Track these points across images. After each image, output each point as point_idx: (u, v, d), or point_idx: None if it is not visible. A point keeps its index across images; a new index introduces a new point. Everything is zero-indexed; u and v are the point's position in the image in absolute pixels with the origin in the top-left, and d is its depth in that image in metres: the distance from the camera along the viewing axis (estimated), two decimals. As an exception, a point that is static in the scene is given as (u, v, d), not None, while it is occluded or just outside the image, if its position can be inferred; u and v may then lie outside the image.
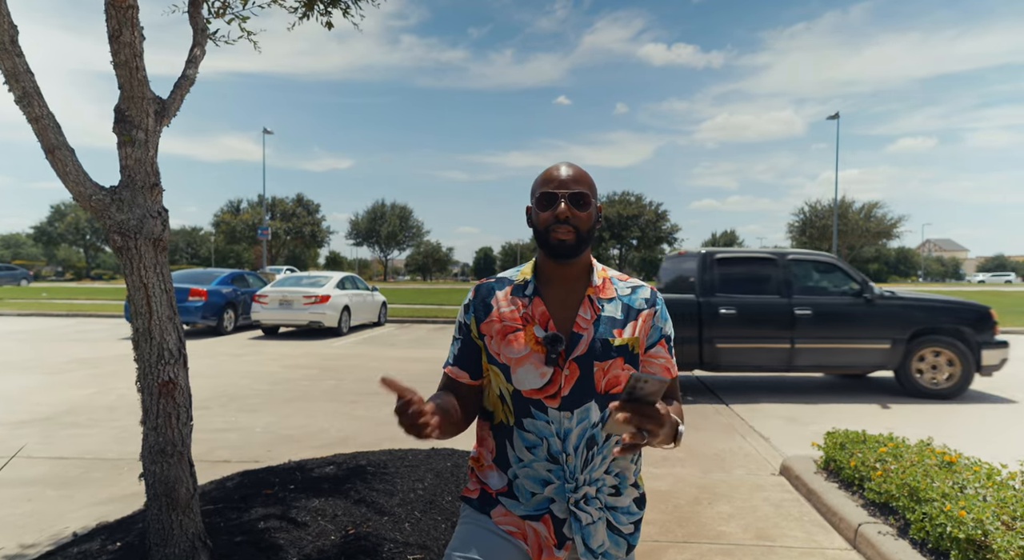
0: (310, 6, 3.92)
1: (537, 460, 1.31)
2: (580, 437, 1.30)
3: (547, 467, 1.31)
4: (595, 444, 1.31)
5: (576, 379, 1.29)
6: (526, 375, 1.29)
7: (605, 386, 1.30)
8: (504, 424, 1.35)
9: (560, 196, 1.29)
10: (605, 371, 1.30)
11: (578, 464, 1.30)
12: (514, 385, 1.30)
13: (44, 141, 1.94)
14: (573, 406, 1.29)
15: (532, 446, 1.31)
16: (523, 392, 1.30)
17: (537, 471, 1.31)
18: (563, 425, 1.29)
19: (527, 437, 1.31)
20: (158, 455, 2.05)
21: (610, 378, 1.30)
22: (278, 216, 55.24)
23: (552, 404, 1.29)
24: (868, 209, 47.62)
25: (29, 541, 3.10)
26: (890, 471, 3.25)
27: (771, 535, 3.24)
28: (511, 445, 1.33)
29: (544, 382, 1.29)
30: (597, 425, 1.30)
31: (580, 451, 1.30)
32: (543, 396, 1.29)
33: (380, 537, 2.64)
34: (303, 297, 12.40)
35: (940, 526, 2.65)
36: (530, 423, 1.31)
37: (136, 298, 2.02)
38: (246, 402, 6.40)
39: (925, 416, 6.06)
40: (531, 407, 1.30)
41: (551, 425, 1.29)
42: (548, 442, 1.30)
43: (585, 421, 1.30)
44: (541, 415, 1.30)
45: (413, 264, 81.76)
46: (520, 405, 1.31)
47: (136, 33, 2.01)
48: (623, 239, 57.98)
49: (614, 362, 1.31)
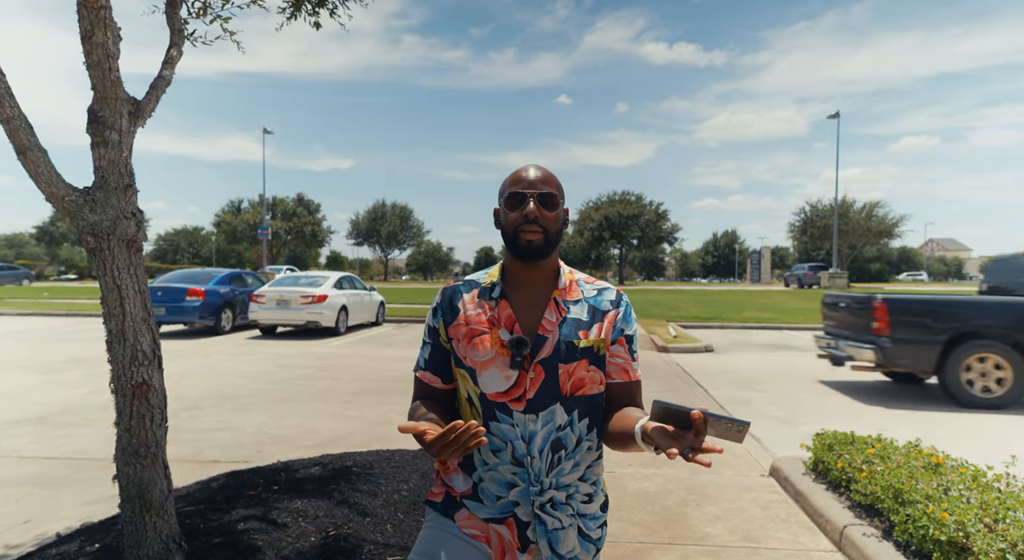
0: (297, 6, 3.92)
1: (502, 463, 1.30)
2: (545, 440, 1.29)
3: (512, 470, 1.30)
4: (562, 447, 1.30)
5: (541, 382, 1.29)
6: (491, 378, 1.29)
7: (570, 389, 1.30)
8: None
9: (529, 196, 1.30)
10: (570, 373, 1.30)
11: (543, 467, 1.29)
12: (480, 388, 1.30)
13: (16, 142, 1.93)
14: (538, 409, 1.28)
15: (497, 450, 1.30)
16: (488, 395, 1.30)
17: (502, 474, 1.31)
18: (528, 428, 1.28)
19: (493, 440, 1.30)
20: (131, 457, 2.04)
21: (575, 380, 1.30)
22: (279, 216, 55.30)
23: (517, 407, 1.28)
24: (870, 208, 47.47)
25: (14, 542, 3.09)
26: (876, 473, 3.24)
27: (757, 537, 3.23)
28: (477, 448, 1.32)
29: (509, 385, 1.28)
30: (563, 428, 1.30)
31: (545, 454, 1.29)
32: (508, 399, 1.29)
33: (361, 539, 2.64)
34: (300, 297, 12.41)
35: (923, 528, 2.63)
36: (495, 427, 1.30)
37: (109, 299, 2.01)
38: (240, 402, 6.40)
39: (920, 418, 6.04)
40: (496, 410, 1.30)
41: (516, 428, 1.29)
42: (513, 445, 1.29)
43: (550, 424, 1.29)
44: (506, 418, 1.29)
45: (414, 264, 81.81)
46: (487, 408, 1.30)
47: (109, 33, 2.00)
48: (623, 239, 57.87)
49: (579, 364, 1.30)
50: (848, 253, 48.05)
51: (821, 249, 60.01)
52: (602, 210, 56.92)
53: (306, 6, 3.91)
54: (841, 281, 32.04)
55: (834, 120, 29.73)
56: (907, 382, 7.90)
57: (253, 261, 56.89)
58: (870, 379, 8.12)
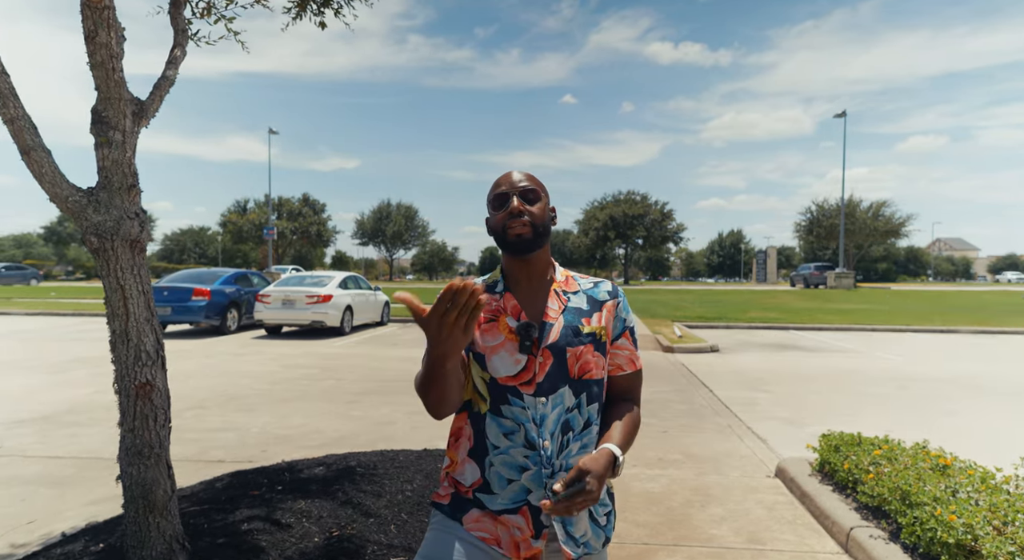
0: (302, 7, 3.92)
1: (514, 446, 1.33)
2: (556, 422, 1.33)
3: (524, 453, 1.33)
4: (570, 429, 1.34)
5: (550, 365, 1.33)
6: (501, 363, 1.33)
7: (578, 372, 1.35)
8: (480, 413, 1.37)
9: (511, 193, 1.37)
10: (577, 357, 1.35)
11: (554, 449, 1.33)
12: (490, 373, 1.34)
13: (20, 143, 1.93)
14: (548, 392, 1.33)
15: (509, 432, 1.34)
16: (499, 380, 1.33)
17: (514, 458, 1.33)
18: (539, 411, 1.32)
19: (504, 423, 1.34)
20: (135, 457, 2.04)
21: (582, 364, 1.35)
22: (284, 216, 55.46)
23: (527, 390, 1.32)
24: (876, 208, 47.20)
25: (20, 541, 3.11)
26: (883, 474, 3.21)
27: (762, 538, 3.21)
28: (487, 433, 1.36)
29: (519, 369, 1.33)
30: (571, 410, 1.34)
31: (556, 436, 1.33)
32: (518, 383, 1.33)
33: (364, 539, 2.63)
34: (306, 297, 12.43)
35: (931, 530, 2.61)
36: (507, 409, 1.34)
37: (113, 300, 2.01)
38: (244, 402, 6.42)
39: (930, 418, 6.00)
40: (507, 394, 1.33)
41: (527, 411, 1.32)
42: (525, 428, 1.32)
43: (560, 407, 1.33)
44: (517, 401, 1.33)
45: (419, 263, 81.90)
46: (497, 392, 1.34)
47: (113, 34, 2.00)
48: (628, 238, 57.74)
49: (585, 348, 1.36)
50: (855, 253, 47.80)
51: (827, 249, 59.76)
52: (607, 210, 56.80)
53: (311, 6, 3.91)
54: (847, 281, 31.88)
55: (840, 119, 29.59)
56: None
57: (259, 261, 57.10)
58: (880, 380, 8.06)
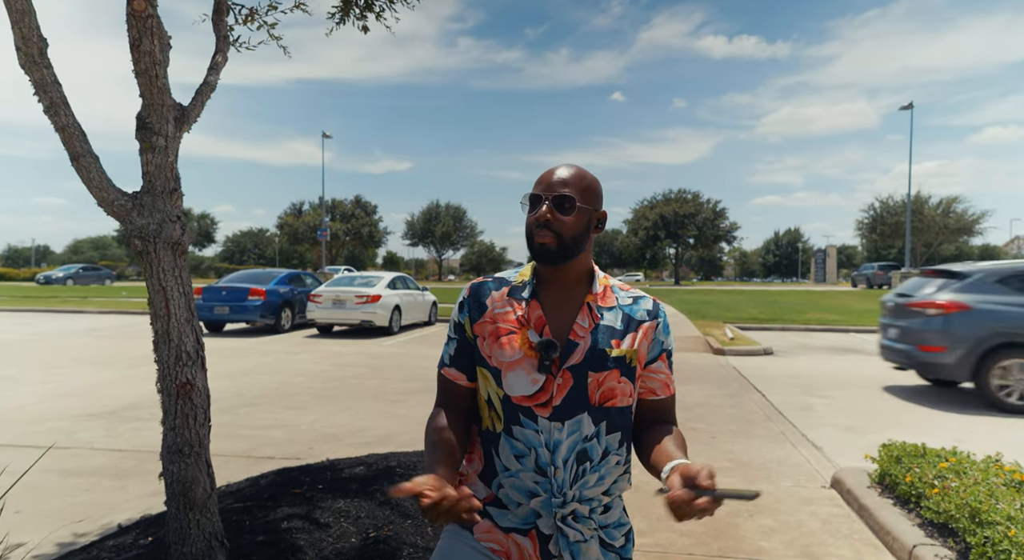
0: (345, 11, 3.97)
1: (524, 470, 1.25)
2: (571, 450, 1.23)
3: (534, 478, 1.25)
4: (588, 459, 1.24)
5: (569, 388, 1.23)
6: (517, 381, 1.24)
7: (599, 399, 1.24)
8: (491, 431, 1.30)
9: (544, 198, 1.25)
10: (600, 382, 1.24)
11: (567, 478, 1.24)
12: (505, 390, 1.26)
13: (70, 149, 2.01)
14: (564, 416, 1.23)
15: (520, 455, 1.25)
16: (513, 398, 1.25)
17: (524, 482, 1.26)
18: (552, 436, 1.23)
19: (515, 445, 1.26)
20: (176, 455, 2.10)
21: (605, 390, 1.24)
22: (337, 217, 56.96)
23: (543, 413, 1.23)
24: (947, 204, 44.71)
25: (82, 530, 3.26)
26: (950, 489, 2.99)
27: (816, 553, 3.04)
28: (497, 453, 1.28)
29: (535, 389, 1.23)
30: (590, 439, 1.24)
31: (570, 465, 1.24)
32: (533, 404, 1.24)
33: (400, 541, 2.63)
34: (355, 297, 12.69)
35: (1004, 552, 2.41)
36: (519, 431, 1.25)
37: (155, 301, 2.07)
38: (296, 399, 6.58)
39: (1000, 429, 5.59)
40: (520, 414, 1.25)
41: (540, 435, 1.23)
42: (537, 452, 1.24)
43: (576, 434, 1.23)
44: (531, 423, 1.24)
45: (467, 264, 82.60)
46: (510, 412, 1.26)
47: (156, 42, 2.06)
48: (679, 238, 56.62)
49: (610, 374, 1.25)
50: (923, 251, 45.41)
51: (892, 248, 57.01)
52: (657, 209, 55.91)
53: (354, 11, 3.97)
54: (914, 281, 30.22)
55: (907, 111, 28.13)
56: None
57: (314, 261, 58.87)
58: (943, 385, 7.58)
